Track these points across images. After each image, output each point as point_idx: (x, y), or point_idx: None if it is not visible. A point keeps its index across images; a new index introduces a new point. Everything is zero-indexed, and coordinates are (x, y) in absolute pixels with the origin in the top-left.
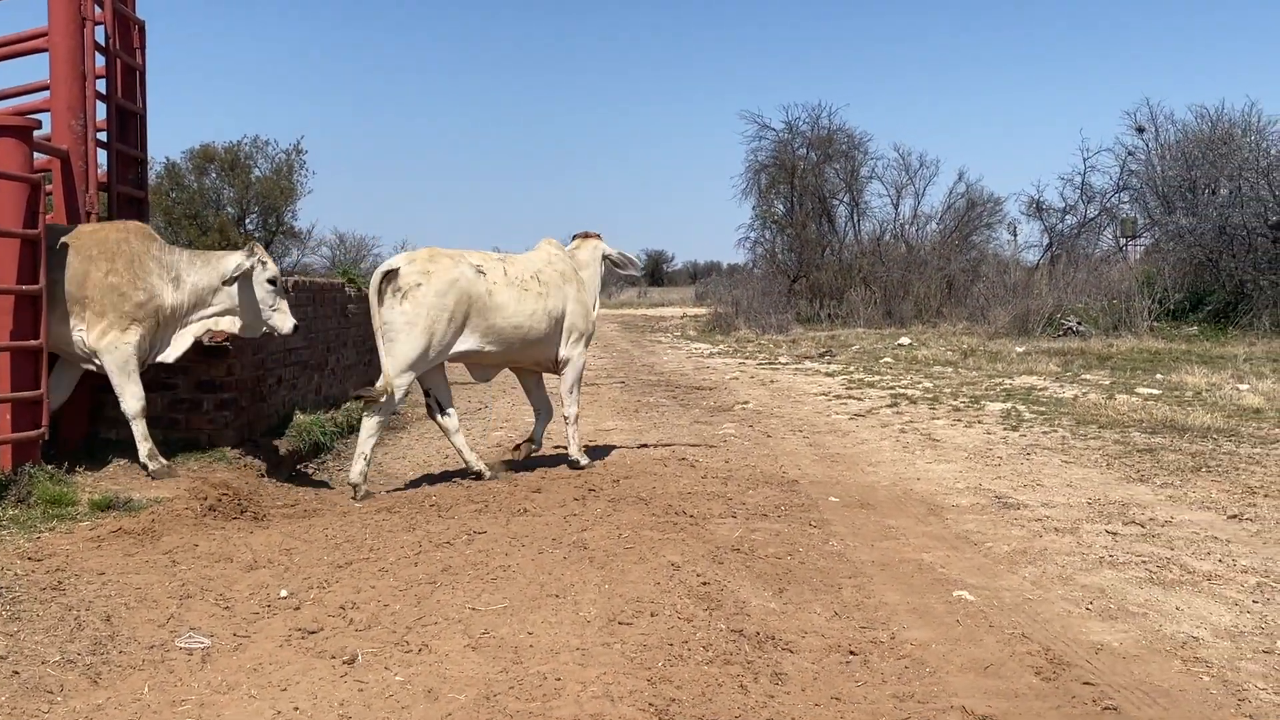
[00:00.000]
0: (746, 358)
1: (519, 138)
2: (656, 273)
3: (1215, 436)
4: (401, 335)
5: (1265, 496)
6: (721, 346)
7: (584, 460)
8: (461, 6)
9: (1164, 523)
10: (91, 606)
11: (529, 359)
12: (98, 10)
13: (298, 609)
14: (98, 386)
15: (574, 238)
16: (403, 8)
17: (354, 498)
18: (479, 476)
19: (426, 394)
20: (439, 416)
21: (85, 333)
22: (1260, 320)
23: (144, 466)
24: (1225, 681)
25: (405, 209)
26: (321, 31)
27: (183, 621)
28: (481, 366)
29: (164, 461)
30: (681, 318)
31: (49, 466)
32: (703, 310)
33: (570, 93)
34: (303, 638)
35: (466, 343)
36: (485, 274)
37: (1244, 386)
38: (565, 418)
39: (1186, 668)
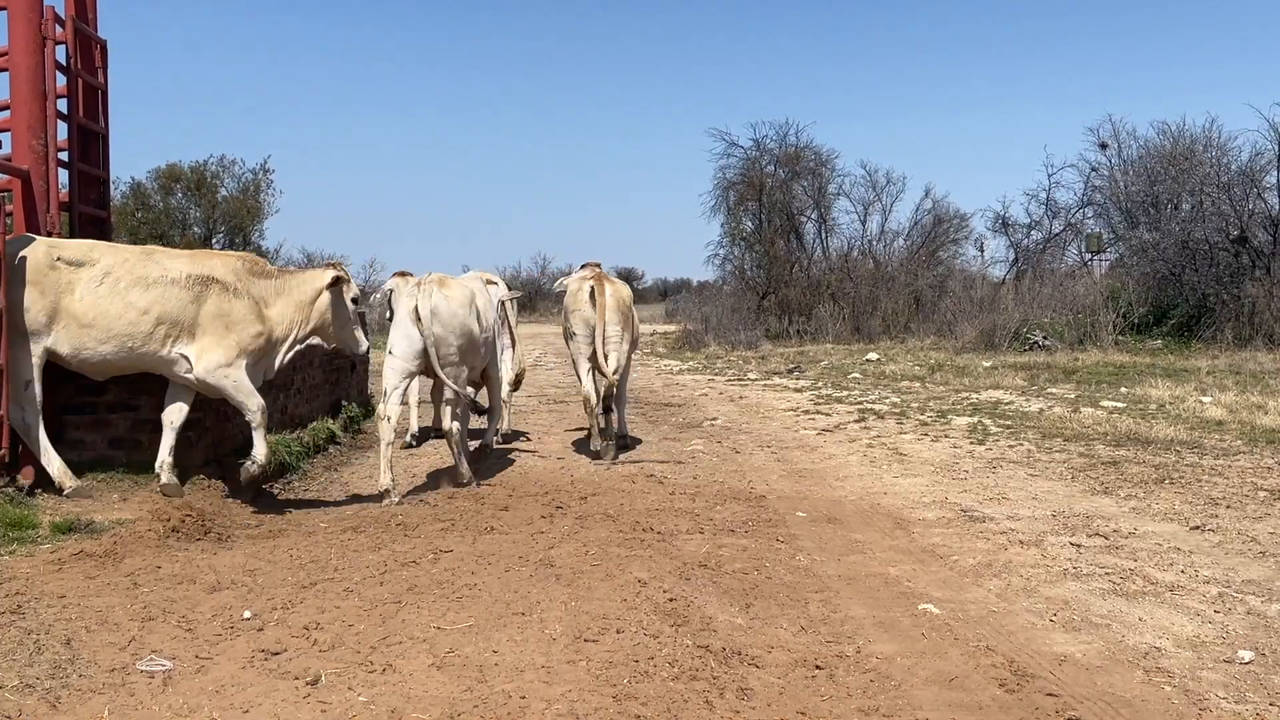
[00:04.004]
0: (716, 374)
1: (487, 156)
2: None
3: (1179, 449)
4: None
5: (1227, 508)
6: (691, 363)
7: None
8: (428, 25)
9: (1127, 534)
10: (51, 630)
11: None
12: (59, 30)
13: (261, 630)
14: (60, 408)
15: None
16: (369, 27)
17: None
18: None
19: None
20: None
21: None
22: (1223, 333)
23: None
24: (1187, 691)
25: (373, 228)
26: (289, 51)
27: (144, 644)
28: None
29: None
30: (651, 334)
31: (9, 489)
32: (672, 327)
33: (538, 111)
34: (266, 659)
35: None
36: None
37: (1207, 399)
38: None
39: (1149, 678)
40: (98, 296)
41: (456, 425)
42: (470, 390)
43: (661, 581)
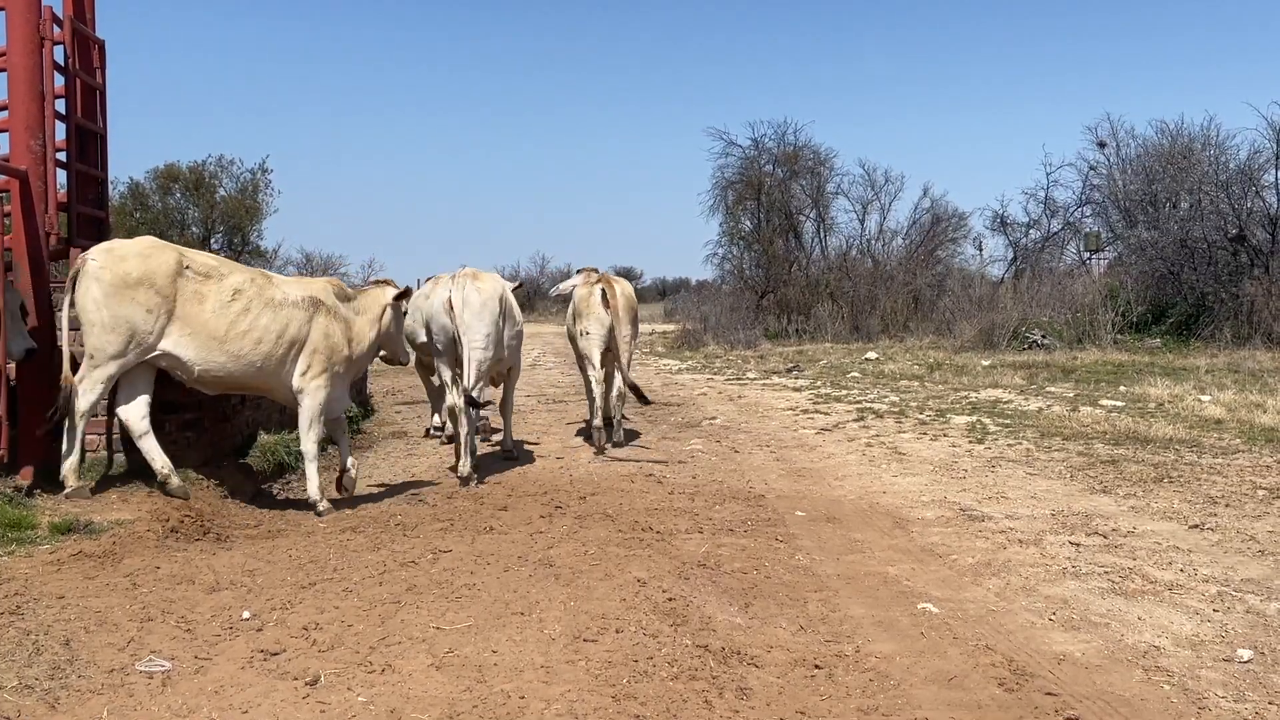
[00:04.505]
0: (715, 373)
1: (486, 156)
2: None
3: (1177, 447)
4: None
5: (1226, 506)
6: (690, 362)
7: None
8: (427, 26)
9: (1126, 533)
10: (50, 631)
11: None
12: (57, 30)
13: (260, 630)
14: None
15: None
16: (367, 27)
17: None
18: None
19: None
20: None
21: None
22: (1221, 332)
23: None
24: (1186, 690)
25: (371, 228)
26: (287, 51)
27: (143, 645)
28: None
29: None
30: (650, 334)
31: (8, 489)
32: (671, 326)
33: (537, 111)
34: (265, 659)
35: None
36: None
37: (1205, 398)
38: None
39: (1148, 677)
40: (232, 314)
41: (465, 421)
42: (490, 390)
43: (660, 581)
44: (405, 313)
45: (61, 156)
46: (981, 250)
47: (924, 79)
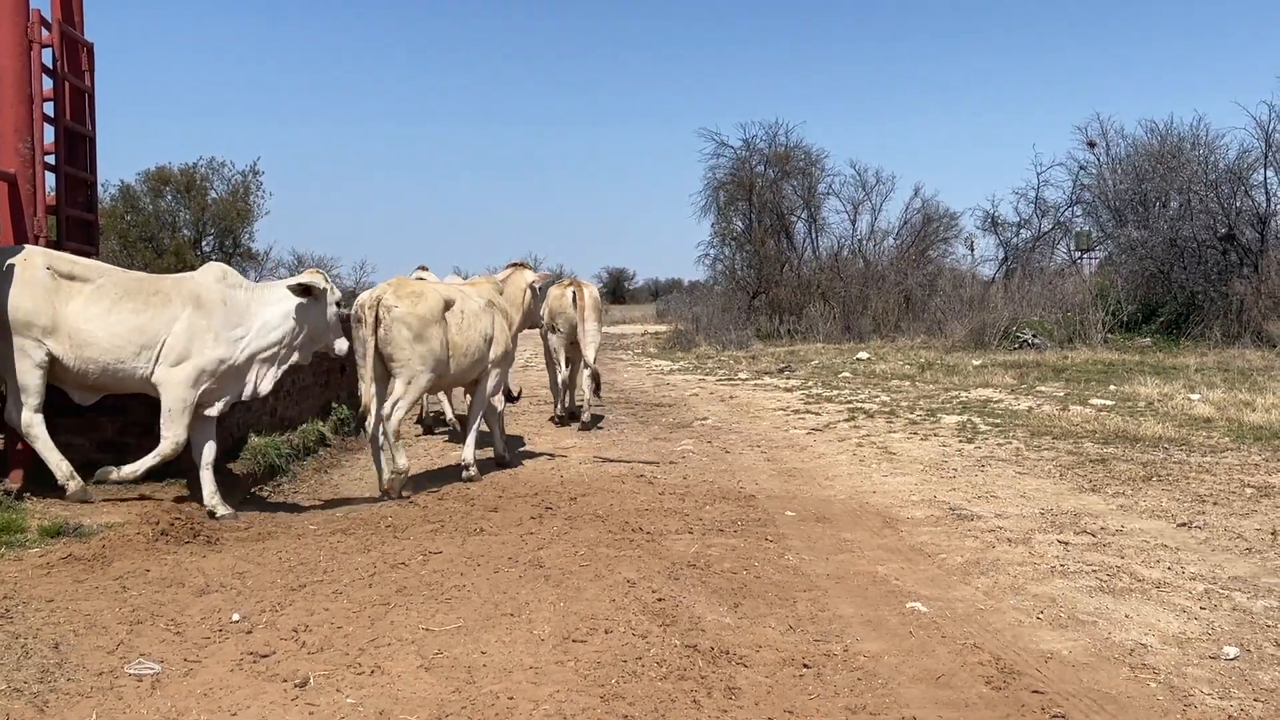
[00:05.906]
0: (706, 374)
1: (477, 157)
2: (618, 290)
3: (1167, 446)
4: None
5: (1214, 505)
6: (682, 363)
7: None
8: (418, 26)
9: (1115, 532)
10: (39, 634)
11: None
12: (45, 33)
13: (250, 633)
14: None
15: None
16: (359, 28)
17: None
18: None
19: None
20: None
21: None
22: (1211, 331)
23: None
24: (1172, 688)
25: (364, 229)
26: (277, 52)
27: (133, 648)
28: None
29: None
30: (642, 335)
31: None
32: (663, 327)
33: (528, 112)
34: (254, 661)
35: None
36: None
37: (1195, 396)
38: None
39: (1134, 674)
40: (466, 330)
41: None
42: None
43: (650, 581)
44: (543, 288)
45: (50, 160)
46: (972, 250)
47: (915, 80)
